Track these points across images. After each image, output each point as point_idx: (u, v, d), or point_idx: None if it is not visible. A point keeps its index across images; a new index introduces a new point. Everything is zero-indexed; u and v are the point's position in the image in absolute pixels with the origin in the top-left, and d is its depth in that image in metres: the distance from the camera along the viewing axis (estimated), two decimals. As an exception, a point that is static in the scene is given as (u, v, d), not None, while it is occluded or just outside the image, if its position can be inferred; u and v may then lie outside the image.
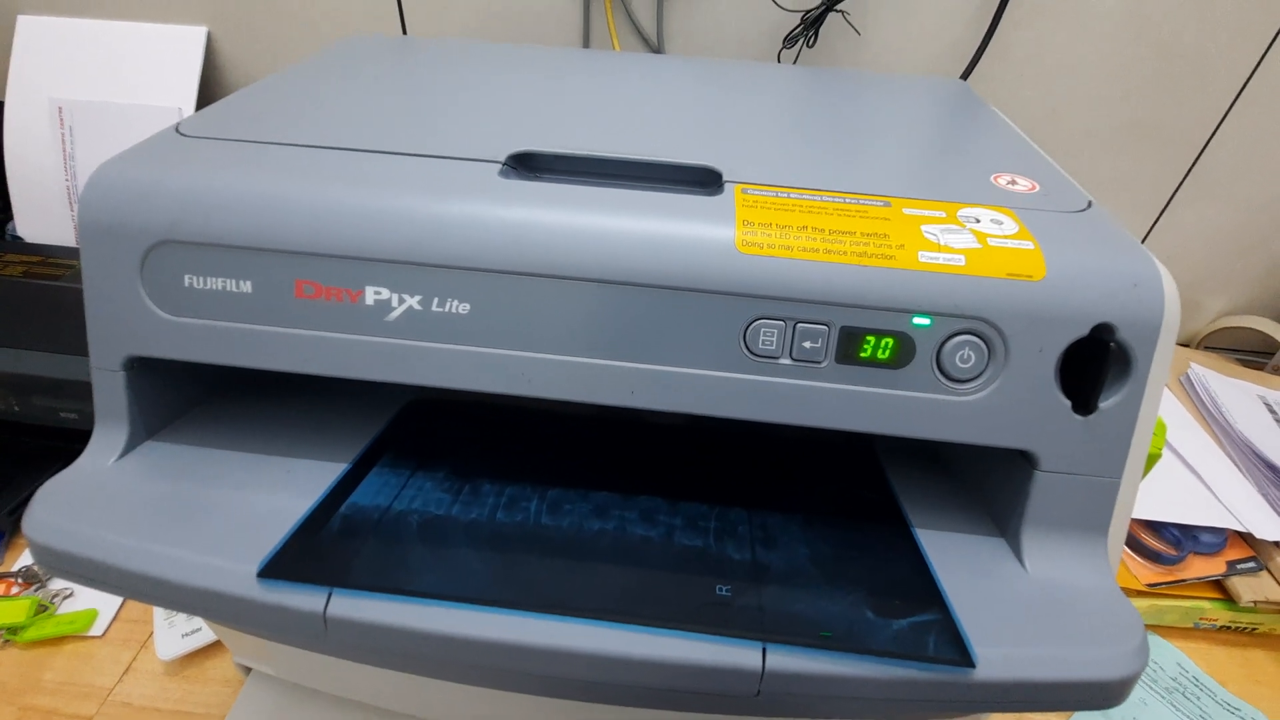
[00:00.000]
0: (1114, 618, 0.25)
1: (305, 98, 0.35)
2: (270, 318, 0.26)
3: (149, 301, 0.27)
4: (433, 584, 0.24)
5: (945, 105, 0.43)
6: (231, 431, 0.31)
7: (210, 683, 0.42)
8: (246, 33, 0.65)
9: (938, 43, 0.61)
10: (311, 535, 0.25)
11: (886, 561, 0.26)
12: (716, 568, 0.25)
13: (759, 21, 0.61)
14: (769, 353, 0.25)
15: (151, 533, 0.25)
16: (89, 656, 0.43)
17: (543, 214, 0.25)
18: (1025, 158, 0.34)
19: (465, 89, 0.38)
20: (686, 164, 0.30)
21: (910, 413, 0.26)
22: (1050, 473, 0.26)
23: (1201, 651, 0.48)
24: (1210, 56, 0.59)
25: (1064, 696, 0.23)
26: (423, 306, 0.26)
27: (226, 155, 0.28)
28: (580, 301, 0.25)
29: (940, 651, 0.23)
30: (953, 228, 0.26)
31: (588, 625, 0.23)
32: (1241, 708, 0.44)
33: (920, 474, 0.32)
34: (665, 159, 0.30)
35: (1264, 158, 0.63)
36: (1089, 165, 0.65)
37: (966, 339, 0.25)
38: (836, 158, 0.32)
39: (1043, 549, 0.27)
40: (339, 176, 0.27)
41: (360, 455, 0.30)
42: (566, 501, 0.28)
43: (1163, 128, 0.63)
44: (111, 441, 0.28)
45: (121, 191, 0.26)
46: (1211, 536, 0.49)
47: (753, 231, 0.25)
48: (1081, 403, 0.25)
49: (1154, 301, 0.25)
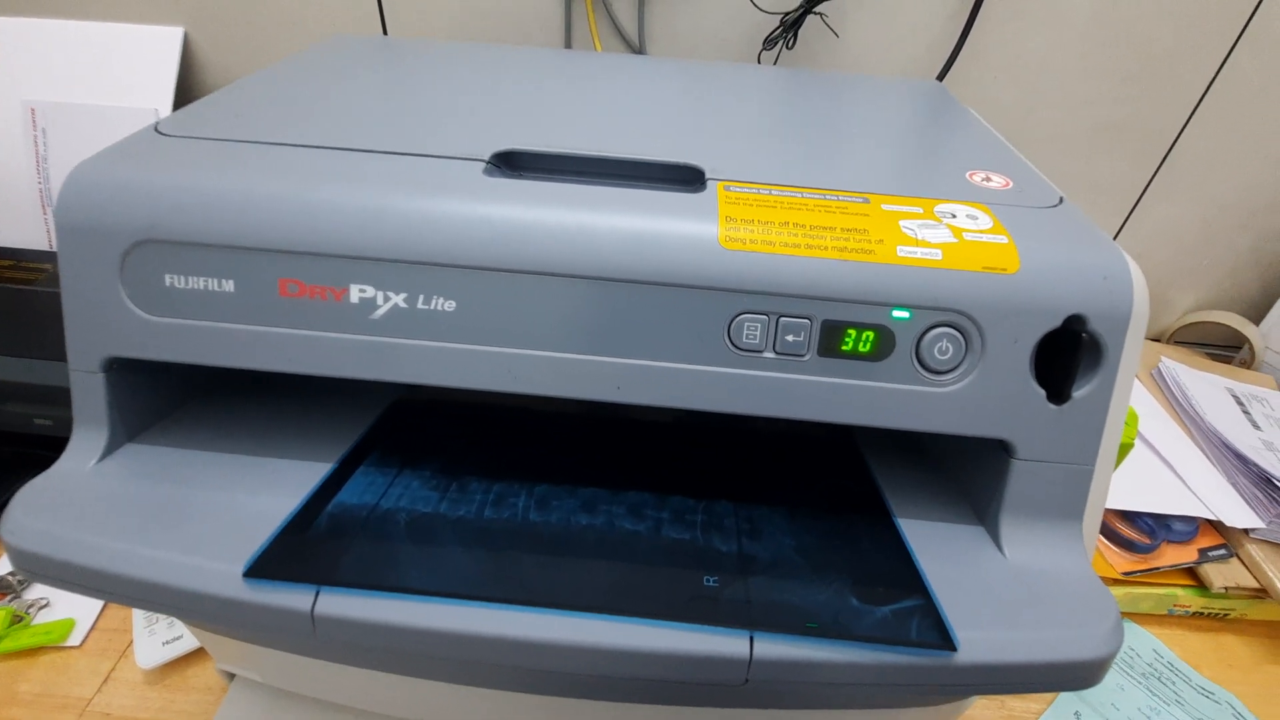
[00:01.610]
0: (1089, 601, 0.25)
1: (287, 97, 0.34)
2: (253, 317, 0.26)
3: (129, 302, 0.26)
4: (421, 580, 0.24)
5: (922, 105, 0.44)
6: (215, 433, 0.30)
7: (192, 691, 0.42)
8: (224, 34, 0.65)
9: (914, 45, 0.62)
10: (298, 534, 0.25)
11: (870, 550, 0.27)
12: (704, 560, 0.26)
13: (739, 23, 0.62)
14: (753, 347, 0.26)
15: (134, 535, 0.25)
16: (66, 667, 0.42)
17: (528, 211, 0.26)
18: (999, 156, 0.35)
19: (448, 88, 0.38)
20: (670, 162, 0.30)
21: (891, 404, 0.26)
22: (1027, 461, 0.27)
23: (1176, 637, 0.49)
24: (1177, 58, 0.61)
25: (1043, 678, 0.24)
26: (408, 304, 0.26)
27: (207, 154, 0.28)
28: (566, 298, 0.26)
29: (923, 636, 0.23)
30: (930, 223, 0.27)
31: (577, 618, 0.23)
32: (1215, 691, 0.45)
33: (902, 465, 0.33)
34: (649, 157, 0.30)
35: (1229, 156, 0.65)
36: (1062, 164, 0.66)
37: (944, 331, 0.26)
38: (817, 156, 0.33)
39: (1020, 536, 0.27)
40: (323, 174, 0.27)
41: (346, 454, 0.30)
42: (554, 497, 0.28)
43: (1132, 127, 0.64)
44: (91, 444, 0.28)
45: (100, 191, 0.26)
46: (1184, 525, 0.51)
47: (735, 227, 0.26)
48: (1055, 392, 0.26)
49: (1123, 293, 0.25)
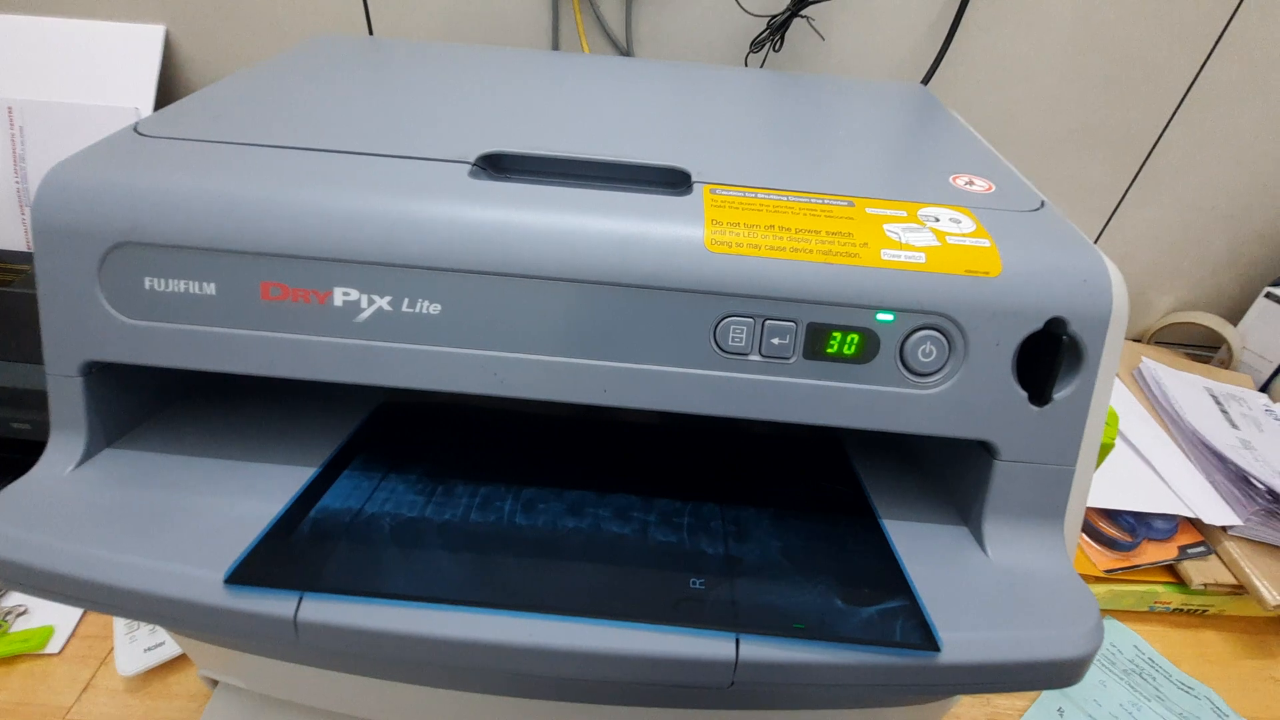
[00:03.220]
0: (1070, 600, 0.26)
1: (269, 97, 0.34)
2: (235, 320, 0.26)
3: (107, 305, 0.26)
4: (406, 585, 0.24)
5: (906, 109, 0.44)
6: (196, 437, 0.30)
7: (175, 698, 0.41)
8: (206, 32, 0.64)
9: (899, 48, 0.62)
10: (281, 540, 0.25)
11: (855, 552, 0.27)
12: (690, 562, 0.26)
13: (726, 26, 0.62)
14: (739, 349, 0.26)
15: (113, 541, 0.24)
16: (45, 675, 0.42)
17: (514, 214, 0.26)
18: (982, 159, 0.35)
19: (433, 89, 0.38)
20: (656, 165, 0.30)
21: (876, 406, 0.26)
22: (1009, 462, 0.27)
23: (1157, 634, 0.50)
24: (1156, 63, 0.62)
25: (1025, 677, 0.24)
26: (393, 307, 0.26)
27: (188, 155, 0.27)
28: (552, 301, 0.26)
29: (907, 637, 0.23)
30: (914, 226, 0.27)
31: (563, 622, 0.23)
32: (1195, 686, 0.46)
33: (887, 466, 0.33)
34: (635, 160, 0.30)
35: (1208, 159, 0.66)
36: (1044, 167, 0.67)
37: (928, 334, 0.26)
38: (802, 159, 0.33)
39: (1003, 536, 0.28)
40: (306, 176, 0.26)
41: (331, 458, 0.29)
42: (541, 500, 0.28)
43: (1113, 130, 0.65)
44: (69, 450, 0.28)
45: (77, 192, 0.25)
46: (1164, 523, 0.51)
47: (721, 231, 0.26)
48: (1037, 394, 0.26)
49: (1103, 296, 0.26)
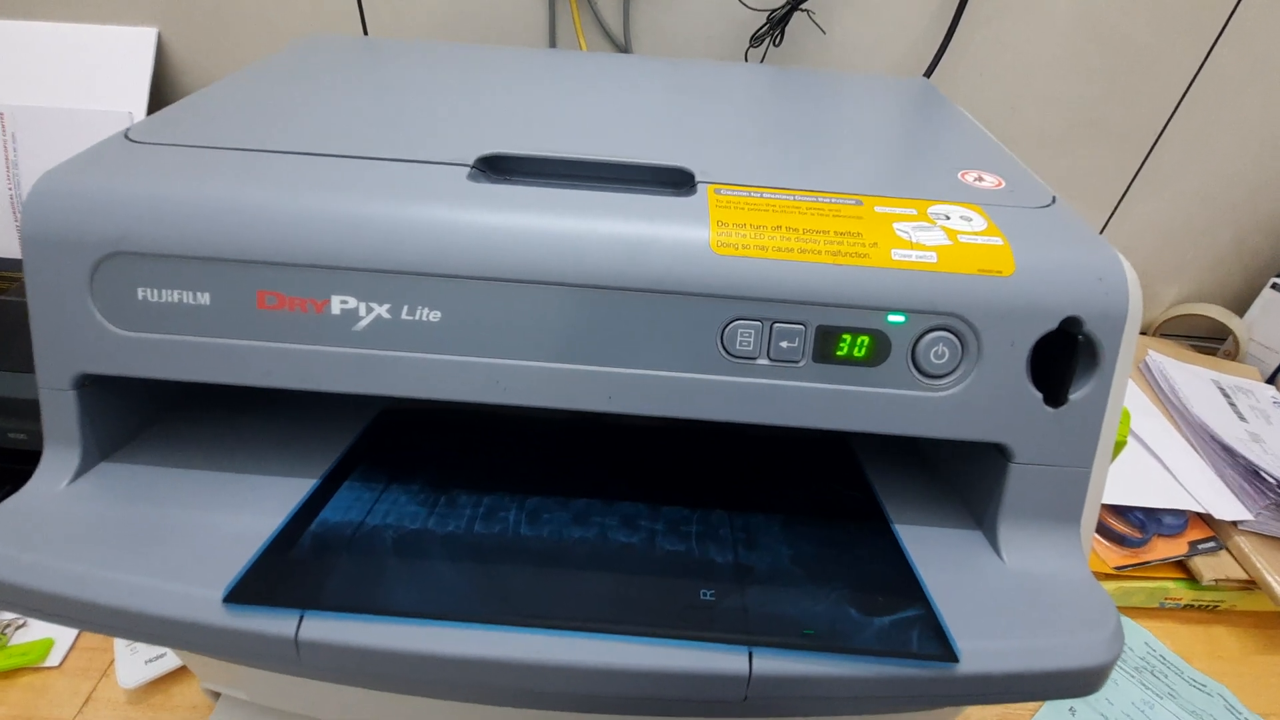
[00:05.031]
0: (1089, 606, 0.25)
1: (263, 101, 0.33)
2: (231, 330, 0.25)
3: (100, 316, 0.25)
4: (410, 602, 0.23)
5: (911, 103, 0.43)
6: (192, 450, 0.29)
7: (177, 710, 0.41)
8: (200, 34, 0.63)
9: (900, 42, 0.62)
10: (280, 555, 0.24)
11: (868, 559, 0.27)
12: (700, 571, 0.25)
13: (726, 20, 0.61)
14: (746, 353, 0.25)
15: (108, 560, 0.24)
16: (45, 689, 0.41)
17: (514, 218, 0.25)
18: (990, 154, 0.35)
19: (430, 90, 0.37)
20: (659, 165, 0.29)
21: (887, 410, 0.26)
22: (1024, 465, 0.26)
23: (1167, 630, 0.49)
24: (1159, 56, 0.61)
25: (1045, 686, 0.24)
26: (392, 315, 0.25)
27: (180, 161, 0.27)
28: (555, 306, 0.25)
29: (924, 648, 0.23)
30: (924, 225, 0.27)
31: (570, 638, 0.23)
32: (1207, 683, 0.46)
33: (898, 470, 0.32)
34: (637, 160, 0.30)
35: (1211, 150, 0.66)
36: (1047, 160, 0.67)
37: (940, 335, 0.25)
38: (807, 157, 0.33)
39: (1019, 540, 0.27)
40: (301, 182, 0.26)
41: (330, 470, 0.29)
42: (546, 510, 0.28)
43: (1116, 123, 0.65)
44: (63, 464, 0.27)
45: (68, 201, 0.25)
46: (1173, 519, 0.51)
47: (727, 232, 0.25)
48: (1052, 395, 0.26)
49: (1119, 294, 0.25)
